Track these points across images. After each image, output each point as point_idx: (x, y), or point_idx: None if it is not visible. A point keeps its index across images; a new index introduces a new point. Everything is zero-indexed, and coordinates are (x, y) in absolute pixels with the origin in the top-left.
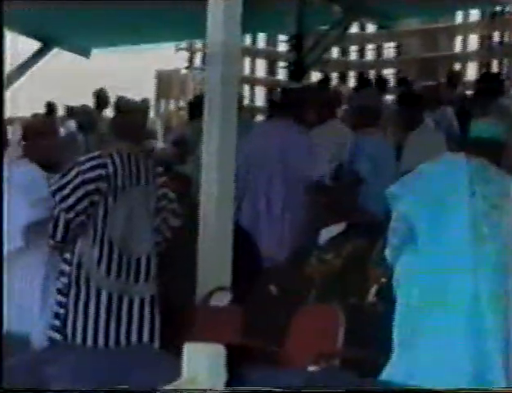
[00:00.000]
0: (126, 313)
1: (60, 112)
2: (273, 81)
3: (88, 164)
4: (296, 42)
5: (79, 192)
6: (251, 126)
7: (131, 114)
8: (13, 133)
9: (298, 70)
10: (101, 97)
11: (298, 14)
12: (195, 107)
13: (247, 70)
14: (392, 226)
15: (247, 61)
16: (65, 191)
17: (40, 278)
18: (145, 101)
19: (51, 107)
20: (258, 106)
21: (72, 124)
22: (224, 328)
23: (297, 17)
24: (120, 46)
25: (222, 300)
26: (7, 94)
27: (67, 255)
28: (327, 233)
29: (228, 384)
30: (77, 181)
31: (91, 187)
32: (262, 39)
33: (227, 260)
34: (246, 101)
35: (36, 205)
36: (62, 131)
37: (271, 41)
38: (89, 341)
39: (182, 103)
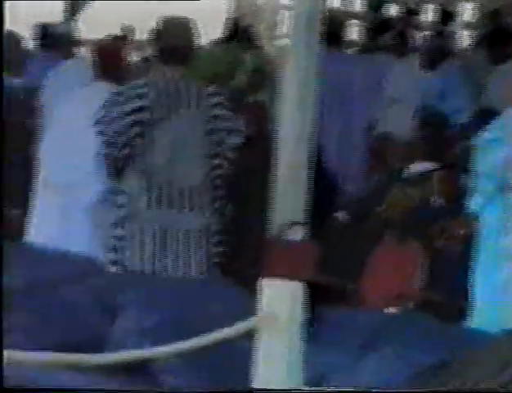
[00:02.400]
0: (173, 244)
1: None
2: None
3: (128, 95)
4: None
5: (119, 124)
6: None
7: (173, 34)
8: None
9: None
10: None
11: None
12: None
13: None
14: (488, 172)
15: None
16: (105, 125)
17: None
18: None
19: (126, 29)
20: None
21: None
22: (299, 264)
23: None
24: None
25: (297, 234)
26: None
27: (120, 187)
28: (415, 168)
29: (307, 322)
30: (116, 113)
31: (131, 118)
32: None
33: (302, 194)
34: None
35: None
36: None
37: None
38: (150, 272)
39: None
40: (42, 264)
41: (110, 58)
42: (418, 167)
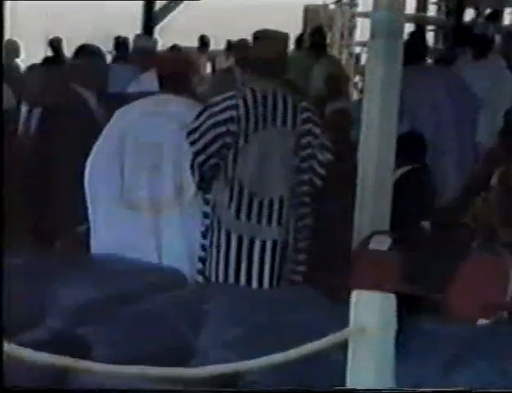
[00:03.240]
0: (257, 256)
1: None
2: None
3: (219, 106)
4: None
5: (210, 135)
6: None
7: (268, 47)
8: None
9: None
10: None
11: None
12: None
13: None
14: None
15: None
16: (196, 134)
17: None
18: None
19: (203, 40)
20: None
21: (230, 58)
22: (385, 274)
23: None
24: None
25: (382, 244)
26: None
27: (208, 197)
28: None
29: (398, 335)
30: (208, 123)
31: (221, 129)
32: None
33: (387, 203)
34: None
35: None
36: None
37: None
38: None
39: (329, 40)
40: (131, 276)
41: (175, 71)
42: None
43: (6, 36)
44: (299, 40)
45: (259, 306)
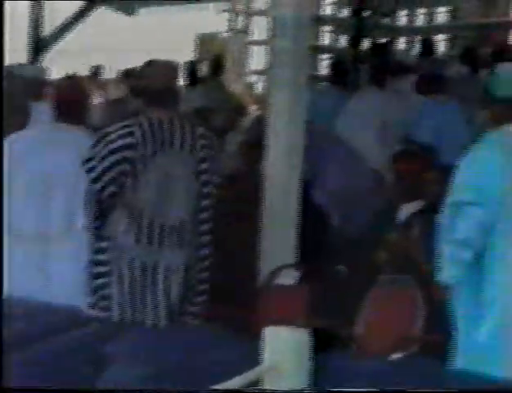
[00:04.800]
0: (161, 283)
1: (109, 74)
2: (319, 46)
3: (115, 134)
4: (356, 7)
5: (107, 162)
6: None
7: (158, 76)
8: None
9: (356, 35)
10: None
11: None
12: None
13: None
14: (464, 237)
15: None
16: (93, 162)
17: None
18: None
19: (96, 69)
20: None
21: (123, 87)
22: (291, 309)
23: None
24: (163, 5)
25: (290, 278)
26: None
27: (103, 230)
28: (408, 210)
29: (312, 373)
30: (104, 151)
31: (118, 156)
32: None
33: (292, 237)
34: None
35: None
36: (113, 94)
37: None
38: (137, 318)
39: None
40: (25, 317)
41: (69, 99)
42: (410, 208)
43: None
44: (192, 69)
45: (164, 344)
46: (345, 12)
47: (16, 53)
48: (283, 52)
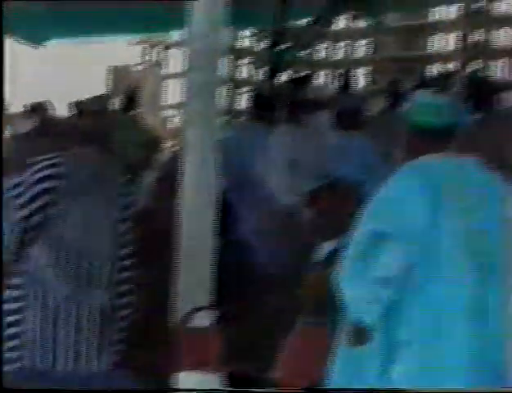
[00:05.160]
0: (76, 320)
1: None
2: (236, 79)
3: (44, 163)
4: (274, 39)
5: (35, 189)
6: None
7: (94, 117)
8: None
9: (274, 68)
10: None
11: (277, 8)
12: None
13: None
14: (383, 276)
15: None
16: (21, 188)
17: None
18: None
19: None
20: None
21: (29, 123)
22: (208, 352)
23: (276, 12)
24: (73, 37)
25: (205, 320)
26: None
27: (19, 266)
28: (327, 248)
29: None
30: (32, 179)
31: (46, 185)
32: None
33: (207, 275)
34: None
35: None
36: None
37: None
38: (60, 363)
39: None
40: None
41: None
42: (326, 247)
43: None
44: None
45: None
46: (263, 45)
47: None
48: (195, 86)
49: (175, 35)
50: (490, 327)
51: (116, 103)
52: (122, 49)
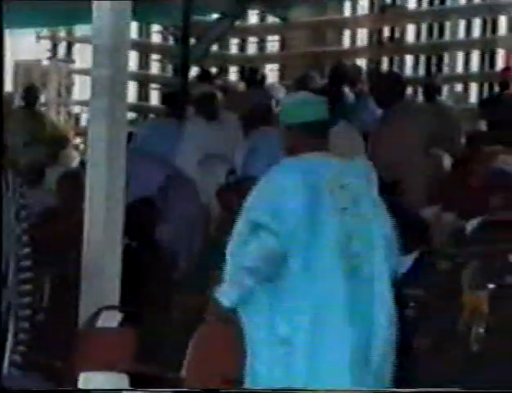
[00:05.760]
0: None
1: None
2: (147, 75)
3: None
4: (183, 35)
5: None
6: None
7: None
8: None
9: (184, 64)
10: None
11: (184, 3)
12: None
13: None
14: (249, 265)
15: None
16: None
17: None
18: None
19: None
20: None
21: None
22: (116, 353)
23: (184, 7)
24: None
25: (112, 320)
26: None
27: None
28: None
29: None
30: None
31: None
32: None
33: (117, 274)
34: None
35: None
36: None
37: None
38: None
39: (43, 98)
40: None
41: None
42: None
43: None
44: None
45: None
46: (172, 40)
47: None
48: (101, 81)
49: (82, 30)
50: (365, 325)
51: (20, 99)
52: (27, 44)
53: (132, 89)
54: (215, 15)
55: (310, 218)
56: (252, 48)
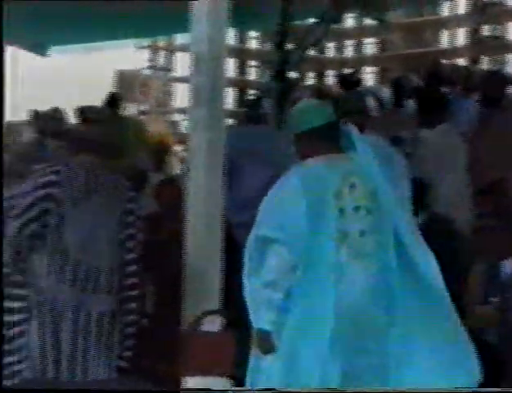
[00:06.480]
0: (83, 327)
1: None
2: (244, 81)
3: (41, 171)
4: (280, 40)
5: (29, 199)
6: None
7: (97, 125)
8: None
9: (281, 69)
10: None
11: (281, 9)
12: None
13: None
14: (271, 279)
15: None
16: (16, 200)
17: None
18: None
19: None
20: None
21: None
22: (217, 358)
23: (281, 13)
24: (78, 43)
25: (214, 324)
26: None
27: (19, 278)
28: None
29: None
30: (28, 187)
31: (42, 192)
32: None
33: (216, 280)
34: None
35: None
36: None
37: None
38: (66, 373)
39: (144, 107)
40: None
41: None
42: None
43: None
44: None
45: None
46: (269, 46)
47: None
48: (200, 89)
49: (180, 38)
50: (376, 331)
51: (121, 108)
52: (128, 54)
53: (230, 95)
54: (312, 20)
55: (313, 224)
56: (349, 51)
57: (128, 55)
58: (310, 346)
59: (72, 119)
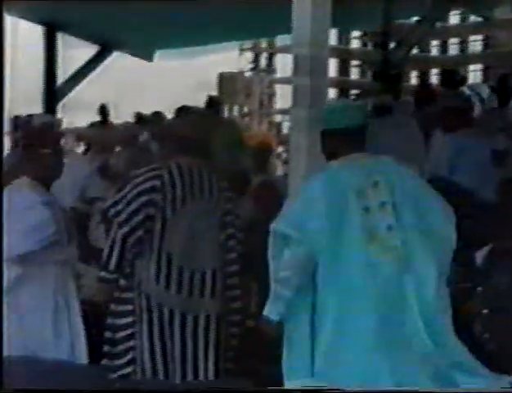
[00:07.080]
0: (191, 331)
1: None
2: (346, 81)
3: (143, 177)
4: (382, 39)
5: (134, 205)
6: None
7: (194, 125)
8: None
9: (384, 69)
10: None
11: (384, 9)
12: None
13: None
14: (283, 276)
15: None
16: (120, 206)
17: (50, 310)
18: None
19: (103, 111)
20: None
21: (145, 133)
22: None
23: (383, 12)
24: (183, 47)
25: None
26: (64, 102)
27: (125, 282)
28: None
29: None
30: (132, 194)
31: (145, 198)
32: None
33: None
34: None
35: (29, 234)
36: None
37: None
38: (163, 373)
39: (246, 108)
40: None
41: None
42: None
43: None
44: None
45: None
46: (371, 46)
47: (32, 103)
48: (302, 90)
49: (282, 40)
50: (399, 327)
51: (220, 111)
52: (231, 56)
53: (332, 95)
54: (415, 18)
55: (335, 224)
56: (453, 49)
57: (231, 57)
58: (354, 342)
59: (172, 121)
